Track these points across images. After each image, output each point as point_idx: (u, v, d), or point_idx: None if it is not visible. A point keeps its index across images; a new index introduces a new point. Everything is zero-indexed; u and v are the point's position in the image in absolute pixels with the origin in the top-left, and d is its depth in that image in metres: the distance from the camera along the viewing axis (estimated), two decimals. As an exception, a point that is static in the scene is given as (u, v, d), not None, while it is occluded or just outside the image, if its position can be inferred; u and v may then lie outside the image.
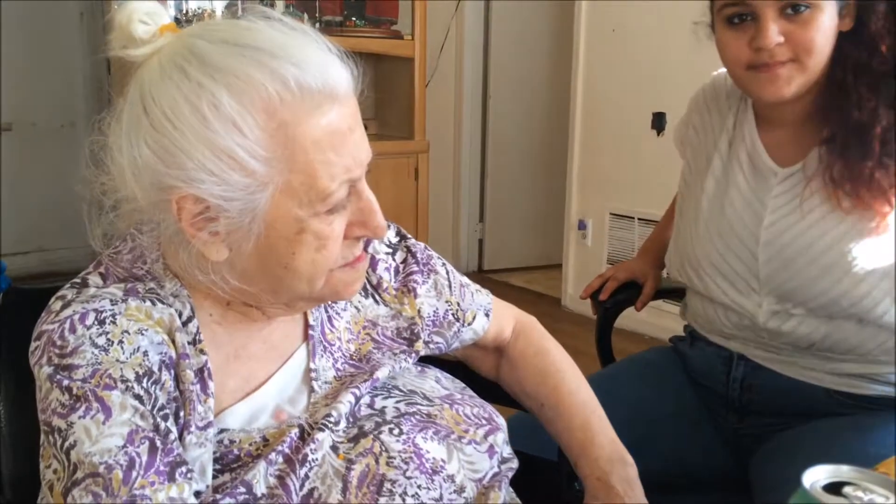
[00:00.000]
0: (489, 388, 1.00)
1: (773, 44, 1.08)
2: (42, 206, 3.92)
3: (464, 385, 0.94)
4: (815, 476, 0.54)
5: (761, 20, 1.09)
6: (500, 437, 0.85)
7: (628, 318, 1.53)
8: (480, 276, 4.33)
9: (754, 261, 1.18)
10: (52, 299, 0.74)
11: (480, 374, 1.07)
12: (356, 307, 0.90)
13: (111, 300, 0.73)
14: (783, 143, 1.19)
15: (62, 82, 4.07)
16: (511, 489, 0.85)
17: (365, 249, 0.80)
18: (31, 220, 3.98)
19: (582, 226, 3.74)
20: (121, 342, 0.70)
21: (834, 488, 0.53)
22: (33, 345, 0.72)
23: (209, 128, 0.67)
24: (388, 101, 3.40)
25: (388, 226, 0.97)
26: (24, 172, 3.98)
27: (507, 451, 0.87)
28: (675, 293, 1.46)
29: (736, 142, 1.24)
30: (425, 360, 0.95)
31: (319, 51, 0.72)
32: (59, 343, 0.70)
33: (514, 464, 0.86)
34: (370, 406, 0.81)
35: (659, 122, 3.35)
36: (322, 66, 0.71)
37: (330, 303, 0.88)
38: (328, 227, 0.72)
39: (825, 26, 1.09)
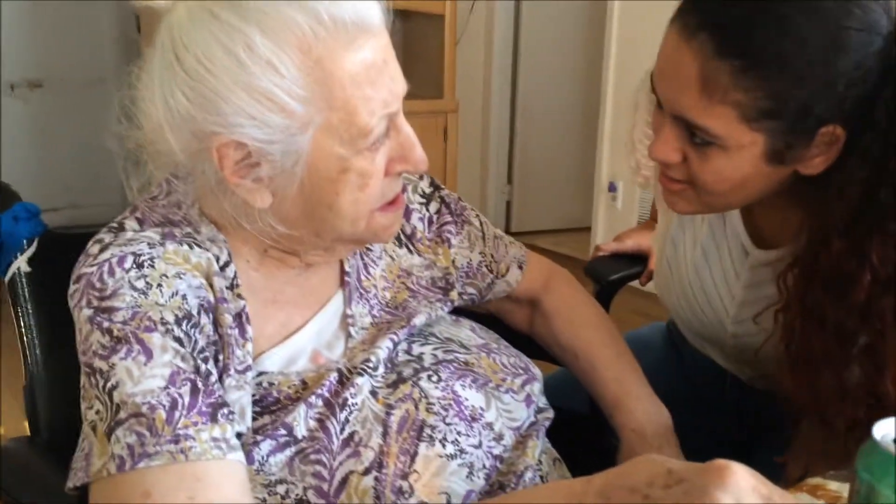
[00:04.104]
0: (520, 343, 0.99)
1: (659, 158, 0.86)
2: (73, 162, 3.96)
3: (498, 336, 0.94)
4: (886, 429, 0.52)
5: (664, 124, 0.85)
6: (537, 387, 0.85)
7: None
8: (507, 238, 4.31)
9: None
10: (90, 243, 0.75)
11: (513, 327, 1.07)
12: (391, 256, 0.90)
13: (149, 244, 0.73)
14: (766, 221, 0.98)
15: (91, 39, 4.07)
16: (547, 439, 0.85)
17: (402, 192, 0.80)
18: (62, 176, 4.02)
19: (612, 188, 3.71)
20: (160, 285, 0.70)
21: None
22: (72, 287, 0.73)
23: (245, 70, 0.66)
24: (417, 59, 3.36)
25: (421, 177, 0.96)
26: (55, 129, 4.01)
27: (542, 401, 0.87)
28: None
29: None
30: (457, 313, 0.94)
31: None
32: (98, 286, 0.70)
33: (550, 414, 0.86)
34: (408, 352, 0.81)
35: (693, 81, 3.28)
36: None
37: (366, 249, 0.87)
38: (370, 165, 0.72)
39: (731, 170, 0.82)
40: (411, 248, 0.92)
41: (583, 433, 1.00)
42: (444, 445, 0.73)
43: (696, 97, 0.79)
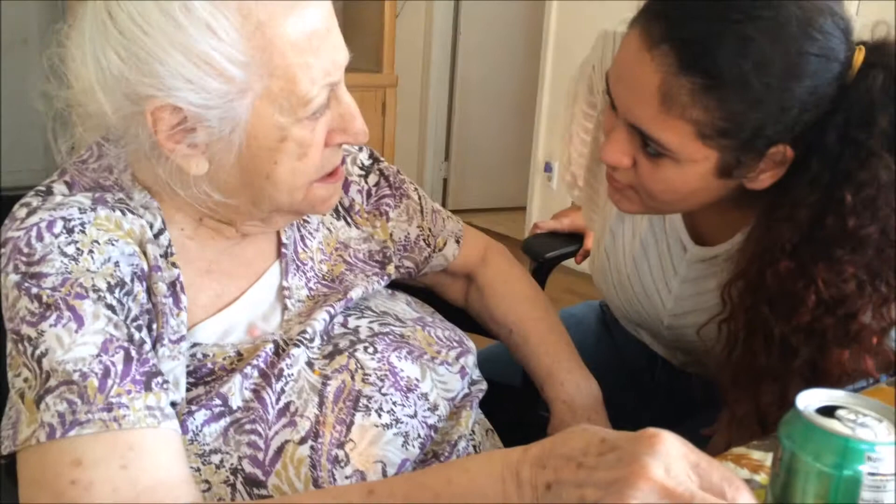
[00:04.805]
0: (455, 317, 1.00)
1: (610, 162, 0.86)
2: (-7, 126, 3.78)
3: (433, 310, 0.95)
4: (809, 399, 0.55)
5: (617, 127, 0.85)
6: (471, 360, 0.86)
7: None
8: (443, 215, 4.31)
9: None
10: (16, 206, 0.72)
11: (448, 300, 1.08)
12: (328, 228, 0.89)
13: (79, 209, 0.71)
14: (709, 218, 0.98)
15: (14, -3, 3.88)
16: (480, 410, 0.86)
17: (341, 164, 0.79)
18: (-20, 141, 3.84)
19: (548, 168, 3.74)
20: (91, 252, 0.69)
21: (827, 412, 0.54)
22: None
23: (182, 32, 0.64)
24: (357, 32, 3.32)
25: (361, 149, 0.96)
26: (-26, 91, 3.82)
27: (476, 373, 0.88)
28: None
29: None
30: (393, 286, 0.95)
31: None
32: (25, 251, 0.68)
33: (483, 386, 0.87)
34: (343, 325, 0.81)
35: (629, 65, 3.33)
36: None
37: (303, 221, 0.87)
38: (310, 135, 0.71)
39: (681, 182, 0.83)
40: (349, 220, 0.91)
41: (515, 405, 1.02)
42: (379, 415, 0.74)
43: (654, 110, 0.78)
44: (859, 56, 0.78)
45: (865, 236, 0.78)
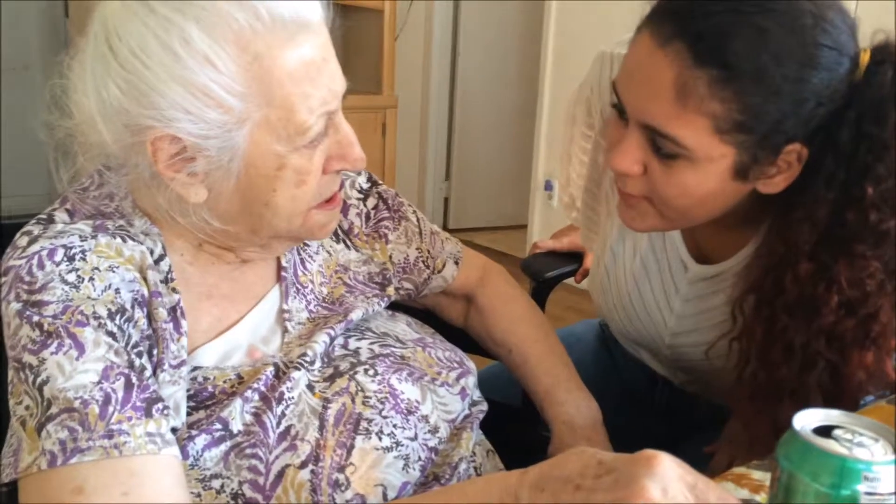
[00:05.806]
0: (455, 337, 1.01)
1: (620, 170, 0.83)
2: (-4, 150, 3.80)
3: (433, 330, 0.95)
4: (806, 419, 0.55)
5: (626, 134, 0.82)
6: (471, 381, 0.86)
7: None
8: (445, 234, 4.32)
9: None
10: (18, 234, 0.73)
11: (448, 321, 1.08)
12: (328, 251, 0.90)
13: (80, 236, 0.71)
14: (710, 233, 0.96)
15: (16, 23, 3.92)
16: (481, 431, 0.86)
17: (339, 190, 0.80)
18: (-17, 166, 3.86)
19: (548, 186, 3.75)
20: (91, 279, 0.69)
21: (824, 431, 0.54)
22: None
23: (181, 64, 0.65)
24: (356, 54, 3.35)
25: (359, 172, 0.97)
26: (-23, 116, 3.84)
27: (476, 394, 0.88)
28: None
29: None
30: (393, 308, 0.95)
31: None
32: (27, 279, 0.68)
33: (484, 406, 0.88)
34: (344, 347, 0.81)
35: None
36: None
37: (303, 245, 0.88)
38: (308, 162, 0.72)
39: (696, 184, 0.81)
40: (348, 243, 0.92)
41: (515, 425, 1.02)
42: (380, 438, 0.74)
43: (670, 105, 0.77)
44: (865, 56, 0.78)
45: (886, 230, 0.78)
